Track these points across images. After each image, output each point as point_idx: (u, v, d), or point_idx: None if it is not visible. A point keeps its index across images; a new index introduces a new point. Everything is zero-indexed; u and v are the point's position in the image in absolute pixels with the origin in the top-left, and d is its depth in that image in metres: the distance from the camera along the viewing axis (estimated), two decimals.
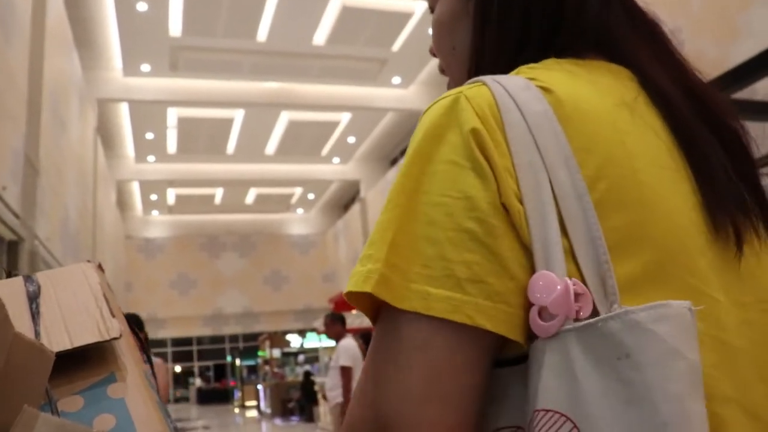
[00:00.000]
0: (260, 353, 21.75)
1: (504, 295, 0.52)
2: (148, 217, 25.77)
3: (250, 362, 24.12)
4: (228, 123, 18.11)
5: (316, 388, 13.96)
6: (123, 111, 16.66)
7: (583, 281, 0.52)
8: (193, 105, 16.34)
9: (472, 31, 0.74)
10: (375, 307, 0.57)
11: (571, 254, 0.53)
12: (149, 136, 18.41)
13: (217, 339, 26.19)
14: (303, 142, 20.03)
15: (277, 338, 20.21)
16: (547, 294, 0.51)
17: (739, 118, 0.69)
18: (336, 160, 22.08)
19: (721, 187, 0.61)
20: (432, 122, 0.59)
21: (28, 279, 0.85)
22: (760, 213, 0.64)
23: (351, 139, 20.44)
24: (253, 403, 21.58)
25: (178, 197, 24.02)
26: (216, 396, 26.51)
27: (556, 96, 0.59)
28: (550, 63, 0.66)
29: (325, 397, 9.83)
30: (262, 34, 13.78)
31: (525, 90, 0.59)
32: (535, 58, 0.67)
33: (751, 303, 0.60)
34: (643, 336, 0.47)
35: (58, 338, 0.74)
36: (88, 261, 0.92)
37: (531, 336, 0.53)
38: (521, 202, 0.54)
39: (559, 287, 0.50)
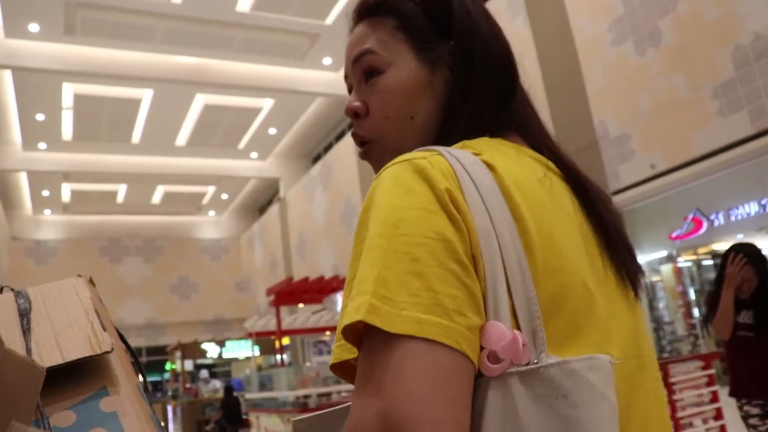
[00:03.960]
0: (169, 366, 19.73)
1: (476, 330, 0.61)
2: (39, 217, 23.28)
3: (155, 378, 22.10)
4: (134, 104, 16.08)
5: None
6: (6, 82, 14.25)
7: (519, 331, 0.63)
8: (93, 79, 14.24)
9: (440, 104, 0.83)
10: (360, 337, 0.61)
11: (512, 308, 0.63)
12: (40, 117, 16.05)
13: None
14: (219, 132, 18.25)
15: (190, 348, 18.00)
16: (498, 341, 0.60)
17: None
18: (254, 154, 20.46)
19: (623, 254, 0.77)
20: (400, 178, 0.66)
21: (18, 294, 0.86)
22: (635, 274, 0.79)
23: (272, 131, 18.84)
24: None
25: (75, 193, 21.73)
26: None
27: (498, 172, 0.69)
28: (485, 141, 0.77)
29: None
30: None
31: (474, 164, 0.69)
32: (475, 135, 0.79)
33: (631, 357, 0.72)
34: (578, 381, 0.58)
35: (49, 353, 0.74)
36: (79, 275, 0.92)
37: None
38: (481, 258, 0.63)
39: (509, 336, 0.60)
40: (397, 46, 0.84)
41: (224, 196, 24.06)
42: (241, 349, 18.52)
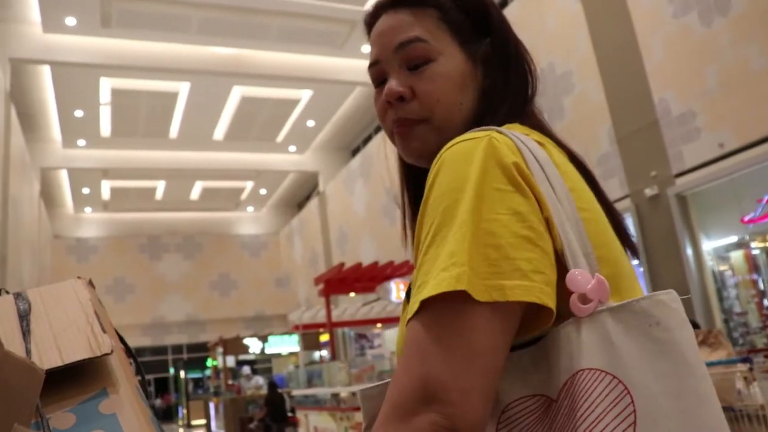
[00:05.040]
0: (210, 362, 19.58)
1: (553, 284, 0.69)
2: (80, 215, 23.40)
3: (196, 375, 21.92)
4: (171, 98, 15.90)
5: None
6: (45, 78, 14.17)
7: None
8: (130, 72, 14.07)
9: (480, 95, 0.90)
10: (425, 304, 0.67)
11: None
12: (78, 113, 15.96)
13: (159, 350, 23.76)
14: (256, 125, 17.99)
15: (232, 343, 17.77)
16: (585, 284, 0.68)
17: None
18: (292, 148, 20.17)
19: (623, 226, 0.87)
20: (468, 157, 0.72)
21: (18, 297, 0.86)
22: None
23: (310, 123, 18.49)
24: (202, 421, 19.22)
25: (114, 191, 21.74)
26: (158, 414, 23.96)
27: (547, 148, 0.78)
28: (519, 127, 0.84)
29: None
30: None
31: (530, 140, 0.77)
32: (508, 121, 0.85)
33: None
34: (667, 310, 0.67)
35: (49, 355, 0.74)
36: (79, 277, 0.92)
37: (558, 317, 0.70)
38: (553, 219, 0.71)
39: (594, 279, 0.69)
40: (442, 38, 0.88)
41: (263, 192, 23.86)
42: (283, 345, 18.26)
